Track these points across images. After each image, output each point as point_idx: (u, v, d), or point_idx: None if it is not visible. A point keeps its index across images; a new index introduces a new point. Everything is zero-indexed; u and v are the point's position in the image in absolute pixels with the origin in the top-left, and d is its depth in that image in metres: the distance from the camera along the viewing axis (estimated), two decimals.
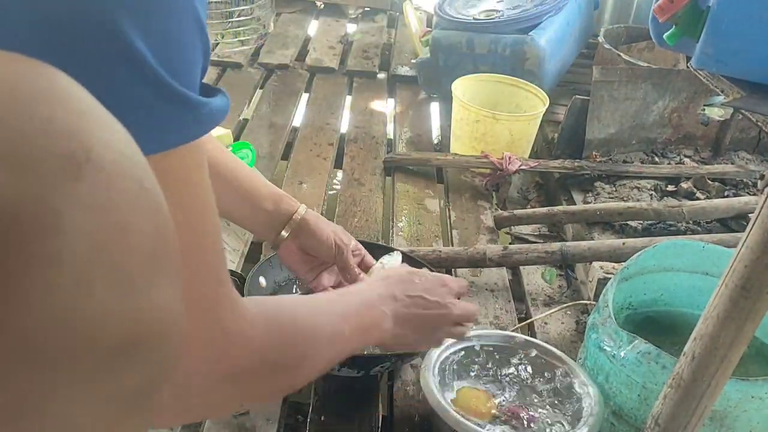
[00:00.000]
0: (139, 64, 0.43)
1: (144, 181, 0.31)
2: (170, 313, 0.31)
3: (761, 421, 0.89)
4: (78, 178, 0.27)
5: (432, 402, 0.91)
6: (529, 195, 1.71)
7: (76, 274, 0.26)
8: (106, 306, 0.27)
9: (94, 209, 0.27)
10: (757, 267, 0.64)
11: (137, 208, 0.29)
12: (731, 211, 1.46)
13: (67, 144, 0.27)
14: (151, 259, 0.30)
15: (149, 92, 0.44)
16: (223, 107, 0.50)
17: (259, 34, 2.35)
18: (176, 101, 0.46)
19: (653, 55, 2.06)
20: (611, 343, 0.95)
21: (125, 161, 0.30)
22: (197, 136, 0.49)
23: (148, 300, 0.29)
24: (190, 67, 0.47)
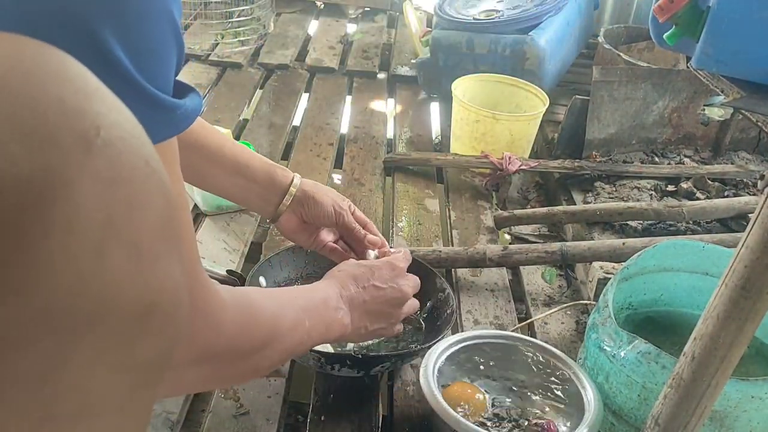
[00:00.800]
0: (117, 69, 0.44)
1: (150, 159, 0.32)
2: (179, 286, 0.33)
3: (761, 422, 0.89)
4: (89, 152, 0.28)
5: (432, 402, 0.91)
6: (529, 195, 1.71)
7: (91, 241, 0.28)
8: (121, 273, 0.29)
9: (105, 182, 0.29)
10: (757, 267, 0.64)
11: (145, 184, 0.31)
12: (731, 211, 1.46)
13: (78, 121, 0.29)
14: (160, 233, 0.31)
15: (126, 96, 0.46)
16: (195, 107, 0.51)
17: (259, 34, 2.35)
18: (152, 104, 0.47)
19: (653, 55, 2.06)
20: (611, 343, 0.95)
21: (132, 140, 0.31)
22: (171, 136, 0.50)
23: (159, 271, 0.31)
24: (165, 70, 0.48)
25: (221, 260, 1.30)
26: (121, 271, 0.29)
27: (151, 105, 0.47)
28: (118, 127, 0.31)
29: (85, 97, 0.30)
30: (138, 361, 0.30)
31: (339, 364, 0.99)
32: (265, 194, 0.99)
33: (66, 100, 0.29)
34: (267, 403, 1.01)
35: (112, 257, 0.28)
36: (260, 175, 0.98)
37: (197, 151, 0.93)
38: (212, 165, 0.94)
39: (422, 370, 0.96)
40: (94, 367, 0.28)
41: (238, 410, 0.99)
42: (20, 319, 0.26)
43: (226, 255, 1.32)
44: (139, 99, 0.45)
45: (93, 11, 0.42)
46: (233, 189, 0.98)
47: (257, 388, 1.03)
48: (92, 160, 0.28)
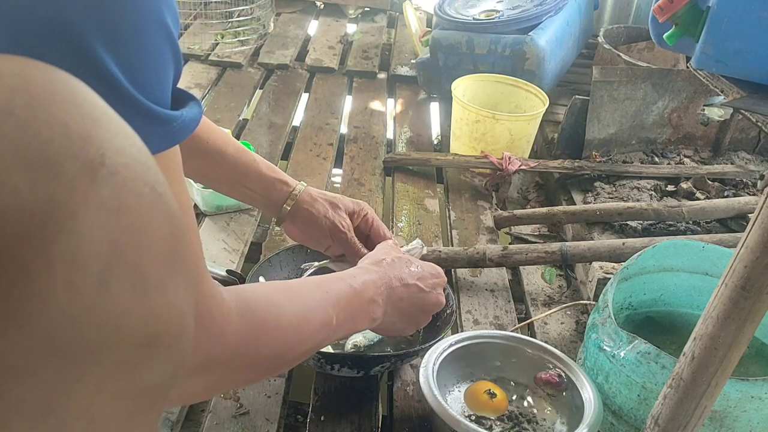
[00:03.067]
0: (110, 83, 0.43)
1: (156, 185, 0.31)
2: (185, 313, 0.32)
3: (761, 422, 0.89)
4: (94, 181, 0.28)
5: (431, 402, 0.91)
6: (529, 195, 1.71)
7: (94, 272, 0.27)
8: (125, 304, 0.28)
9: (110, 211, 0.28)
10: (756, 267, 0.64)
11: (151, 211, 0.30)
12: (731, 211, 1.46)
13: (83, 148, 0.28)
14: (166, 261, 0.31)
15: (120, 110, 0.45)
16: (194, 117, 0.51)
17: (258, 34, 2.35)
18: (147, 118, 0.46)
19: (653, 55, 2.06)
20: (611, 343, 0.95)
21: (138, 166, 0.31)
22: (167, 148, 0.50)
23: (164, 299, 0.30)
24: (161, 82, 0.47)
25: (221, 260, 1.30)
26: (126, 302, 0.28)
27: (146, 118, 0.46)
28: (124, 153, 0.30)
29: (92, 122, 0.29)
30: (142, 387, 0.30)
31: (339, 364, 0.99)
32: (263, 205, 1.00)
33: (71, 126, 0.28)
34: (267, 403, 1.01)
35: (116, 288, 0.28)
36: (258, 188, 0.98)
37: (200, 156, 0.93)
38: (213, 172, 0.95)
39: (422, 370, 0.96)
40: (98, 395, 0.28)
41: (237, 410, 0.99)
42: (23, 350, 0.26)
43: (226, 255, 1.32)
44: (134, 113, 0.45)
45: (84, 24, 0.41)
46: (236, 195, 0.99)
47: (257, 388, 1.03)
48: (97, 190, 0.28)
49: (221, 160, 0.94)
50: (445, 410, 0.89)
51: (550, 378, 1.01)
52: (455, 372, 1.03)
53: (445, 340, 1.02)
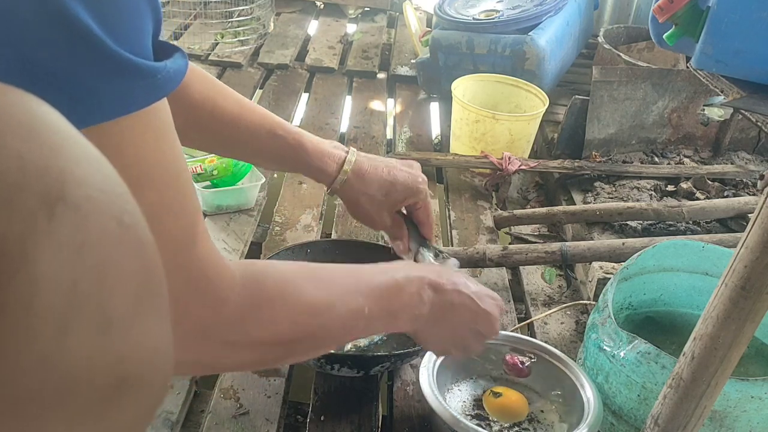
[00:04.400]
0: (80, 29, 0.41)
1: (124, 216, 0.29)
2: (158, 350, 0.30)
3: (761, 422, 0.89)
4: (52, 218, 0.25)
5: (431, 402, 0.91)
6: (529, 195, 1.71)
7: (52, 319, 0.25)
8: (88, 349, 0.26)
9: (68, 252, 0.26)
10: (756, 267, 0.64)
11: (117, 246, 0.28)
12: (731, 211, 1.46)
13: (40, 182, 0.26)
14: (135, 298, 0.29)
15: (93, 60, 0.42)
16: (179, 68, 0.48)
17: (258, 34, 2.35)
18: (128, 70, 0.43)
19: (653, 55, 2.06)
20: (611, 343, 0.95)
21: (102, 198, 0.28)
22: (152, 102, 0.47)
23: (133, 339, 0.28)
24: (139, 33, 0.45)
25: None
26: (89, 347, 0.26)
27: (127, 72, 0.43)
28: (87, 183, 0.27)
29: (51, 151, 0.27)
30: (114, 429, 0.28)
31: (339, 364, 0.99)
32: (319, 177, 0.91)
33: (27, 156, 0.26)
34: (267, 403, 1.01)
35: (78, 333, 0.26)
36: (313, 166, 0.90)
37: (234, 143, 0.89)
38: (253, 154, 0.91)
39: (422, 370, 0.96)
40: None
41: (237, 410, 0.99)
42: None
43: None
44: (114, 66, 0.43)
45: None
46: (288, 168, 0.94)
47: (257, 388, 1.03)
48: (55, 227, 0.25)
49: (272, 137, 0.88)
50: (445, 410, 0.89)
51: (515, 363, 1.01)
52: (455, 372, 1.02)
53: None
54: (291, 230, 1.42)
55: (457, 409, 0.98)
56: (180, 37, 2.30)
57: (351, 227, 1.45)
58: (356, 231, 1.44)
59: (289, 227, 1.43)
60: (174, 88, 0.48)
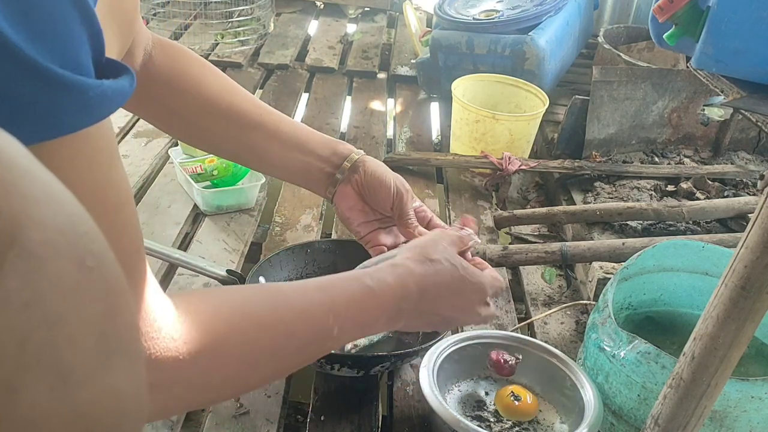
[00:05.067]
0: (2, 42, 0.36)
1: (86, 259, 0.26)
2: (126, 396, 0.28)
3: (761, 422, 0.89)
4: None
5: (431, 402, 0.91)
6: (529, 195, 1.71)
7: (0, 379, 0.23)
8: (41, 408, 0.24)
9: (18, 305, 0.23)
10: (756, 267, 0.64)
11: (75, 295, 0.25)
12: (731, 212, 1.46)
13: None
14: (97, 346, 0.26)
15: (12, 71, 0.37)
16: (121, 89, 0.43)
17: (258, 34, 2.35)
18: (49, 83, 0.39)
19: (653, 55, 2.06)
20: (611, 343, 0.95)
21: (62, 239, 0.25)
22: (85, 125, 0.42)
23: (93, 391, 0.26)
24: (68, 46, 0.40)
25: (221, 260, 1.30)
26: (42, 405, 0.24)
27: (50, 84, 0.39)
28: (44, 226, 0.25)
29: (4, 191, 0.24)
30: None
31: (339, 363, 0.99)
32: (324, 167, 0.94)
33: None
34: (267, 402, 1.01)
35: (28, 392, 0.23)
36: (320, 147, 0.93)
37: (255, 130, 0.89)
38: (270, 142, 0.90)
39: (422, 369, 0.96)
40: None
41: (238, 410, 0.99)
42: None
43: (226, 255, 1.32)
44: (34, 77, 0.38)
45: None
46: (293, 164, 0.93)
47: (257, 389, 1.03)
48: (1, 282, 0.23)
49: (278, 128, 0.91)
50: (445, 410, 0.89)
51: (498, 360, 1.00)
52: (455, 372, 1.03)
53: (445, 340, 1.02)
54: (291, 230, 1.42)
55: (458, 409, 0.98)
56: (180, 37, 2.30)
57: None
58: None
59: (289, 227, 1.43)
60: (112, 111, 0.43)
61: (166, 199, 1.46)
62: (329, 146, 0.94)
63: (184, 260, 1.09)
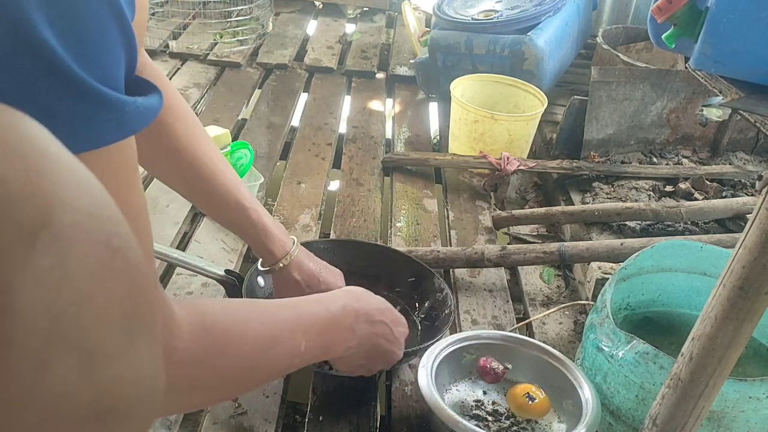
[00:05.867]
0: (50, 58, 0.38)
1: (112, 239, 0.28)
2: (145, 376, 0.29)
3: (759, 422, 0.89)
4: (33, 249, 0.24)
5: (429, 402, 0.91)
6: (528, 195, 1.71)
7: (32, 353, 0.24)
8: (69, 382, 0.25)
9: (51, 284, 0.25)
10: (754, 268, 0.64)
11: (103, 274, 0.27)
12: (729, 212, 1.46)
13: (24, 210, 0.24)
14: (122, 325, 0.28)
15: (59, 87, 0.39)
16: (152, 106, 0.46)
17: (257, 33, 2.35)
18: (93, 100, 0.41)
19: (651, 55, 2.07)
20: (609, 344, 0.95)
21: (90, 222, 0.27)
22: (119, 138, 0.45)
23: (118, 368, 0.27)
24: (109, 62, 0.42)
25: (219, 260, 1.30)
26: (70, 380, 0.25)
27: (92, 101, 0.41)
28: (73, 208, 0.26)
29: (37, 176, 0.25)
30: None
31: None
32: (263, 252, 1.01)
33: (12, 182, 0.24)
34: (265, 403, 1.01)
35: (58, 367, 0.25)
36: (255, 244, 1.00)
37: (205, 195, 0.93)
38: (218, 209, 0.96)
39: (420, 369, 0.96)
40: None
41: (236, 410, 0.99)
42: None
43: (225, 255, 1.32)
44: (78, 94, 0.40)
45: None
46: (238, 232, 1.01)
47: (255, 388, 1.03)
48: (35, 260, 0.24)
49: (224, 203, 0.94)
50: (443, 410, 0.89)
51: (485, 366, 1.01)
52: (453, 372, 1.02)
53: (443, 340, 1.02)
54: (290, 230, 1.42)
55: (456, 409, 0.98)
56: (179, 36, 2.30)
57: (349, 227, 1.45)
58: (354, 231, 1.44)
59: (288, 227, 1.42)
60: (143, 127, 0.45)
61: (165, 199, 1.46)
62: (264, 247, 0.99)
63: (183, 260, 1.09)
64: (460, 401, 1.00)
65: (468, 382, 1.03)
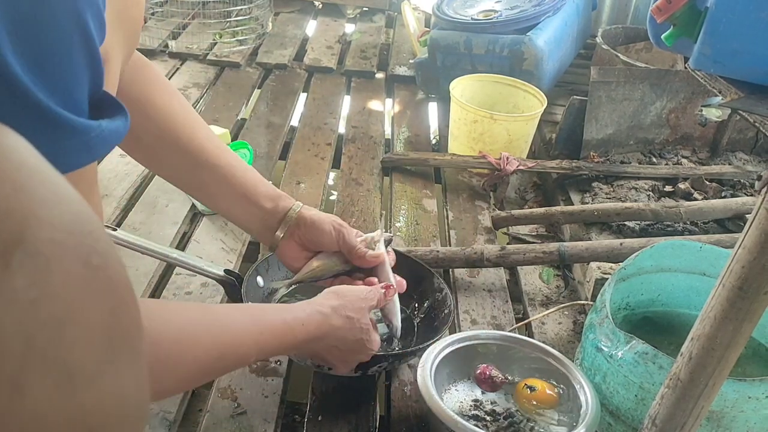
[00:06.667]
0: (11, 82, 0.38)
1: (92, 257, 0.26)
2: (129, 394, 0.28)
3: (758, 422, 0.89)
4: (6, 269, 0.23)
5: (429, 402, 0.91)
6: (527, 195, 1.71)
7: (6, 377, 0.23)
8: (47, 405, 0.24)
9: (25, 303, 0.23)
10: (754, 268, 0.64)
11: (82, 293, 0.26)
12: (728, 212, 1.46)
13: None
14: (103, 343, 0.26)
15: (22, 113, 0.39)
16: (116, 129, 0.45)
17: (257, 33, 2.35)
18: (55, 126, 0.40)
19: (651, 55, 2.07)
20: (608, 344, 0.95)
21: (68, 239, 0.26)
22: (83, 164, 0.44)
23: (100, 389, 0.26)
24: (73, 88, 0.42)
25: (219, 260, 1.30)
26: (49, 402, 0.24)
27: (56, 126, 0.40)
28: (51, 225, 0.25)
29: (14, 192, 0.24)
30: None
31: None
32: (266, 219, 0.99)
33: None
34: (264, 402, 1.01)
35: (34, 389, 0.23)
36: (265, 201, 0.98)
37: (207, 171, 0.92)
38: (219, 185, 0.94)
39: (419, 370, 0.96)
40: None
41: (235, 410, 0.99)
42: None
43: (224, 255, 1.32)
44: (42, 119, 0.39)
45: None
46: (238, 212, 0.98)
47: (255, 388, 1.03)
48: (9, 280, 0.23)
49: (233, 176, 0.94)
50: (442, 410, 0.89)
51: (482, 372, 1.01)
52: (453, 372, 1.02)
53: (442, 340, 1.02)
54: None
55: (455, 409, 0.98)
56: (178, 36, 2.30)
57: None
58: None
59: None
60: (108, 151, 0.45)
61: (164, 199, 1.46)
62: (273, 200, 0.99)
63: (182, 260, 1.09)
64: (459, 401, 1.00)
65: (467, 383, 1.03)
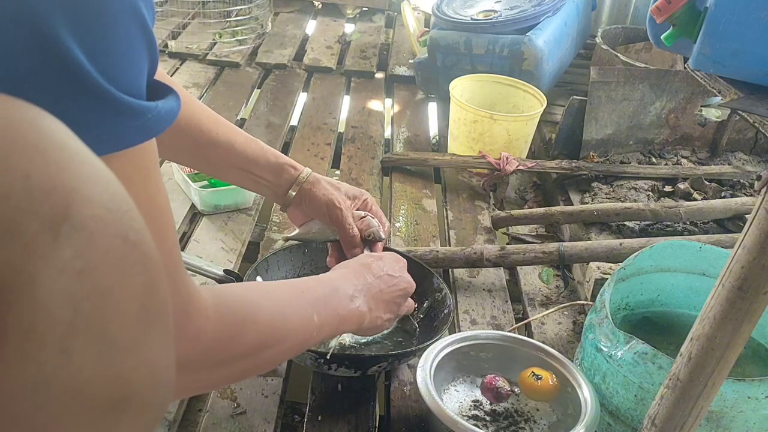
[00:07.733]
0: (77, 73, 0.40)
1: (129, 234, 0.28)
2: (160, 368, 0.30)
3: (758, 422, 0.89)
4: (55, 241, 0.25)
5: (428, 402, 0.91)
6: (527, 195, 1.71)
7: (53, 342, 0.25)
8: (89, 371, 0.26)
9: (72, 274, 0.25)
10: (753, 268, 0.64)
11: (121, 267, 0.28)
12: (728, 212, 1.46)
13: (45, 203, 0.25)
14: (139, 317, 0.28)
15: (87, 103, 0.41)
16: (171, 110, 0.48)
17: (257, 33, 2.35)
18: (118, 110, 0.43)
19: (651, 55, 2.07)
20: (608, 344, 0.95)
21: (108, 216, 0.27)
22: (141, 141, 0.47)
23: (135, 359, 0.28)
24: (133, 72, 0.44)
25: (219, 260, 1.30)
26: (90, 368, 0.26)
27: (117, 111, 0.43)
28: (93, 202, 0.27)
29: (58, 170, 0.26)
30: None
31: (336, 363, 0.99)
32: (274, 188, 1.03)
33: (33, 177, 0.25)
34: (264, 402, 1.01)
35: (78, 355, 0.26)
36: (267, 173, 1.01)
37: (209, 148, 0.95)
38: (224, 161, 0.97)
39: (419, 370, 0.96)
40: None
41: (235, 410, 0.99)
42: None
43: (224, 254, 1.32)
44: (103, 105, 0.42)
45: (48, 7, 0.38)
46: (246, 182, 1.02)
47: (254, 388, 1.03)
48: (58, 251, 0.25)
49: (231, 148, 0.97)
50: (442, 410, 0.89)
51: (489, 381, 1.00)
52: (452, 372, 1.03)
53: (442, 340, 1.02)
54: (288, 230, 1.42)
55: (455, 409, 0.98)
56: (178, 36, 2.30)
57: None
58: None
59: (286, 227, 1.42)
60: (164, 129, 0.47)
61: None
62: (275, 172, 1.02)
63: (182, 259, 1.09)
64: (459, 401, 1.00)
65: (467, 383, 1.03)
